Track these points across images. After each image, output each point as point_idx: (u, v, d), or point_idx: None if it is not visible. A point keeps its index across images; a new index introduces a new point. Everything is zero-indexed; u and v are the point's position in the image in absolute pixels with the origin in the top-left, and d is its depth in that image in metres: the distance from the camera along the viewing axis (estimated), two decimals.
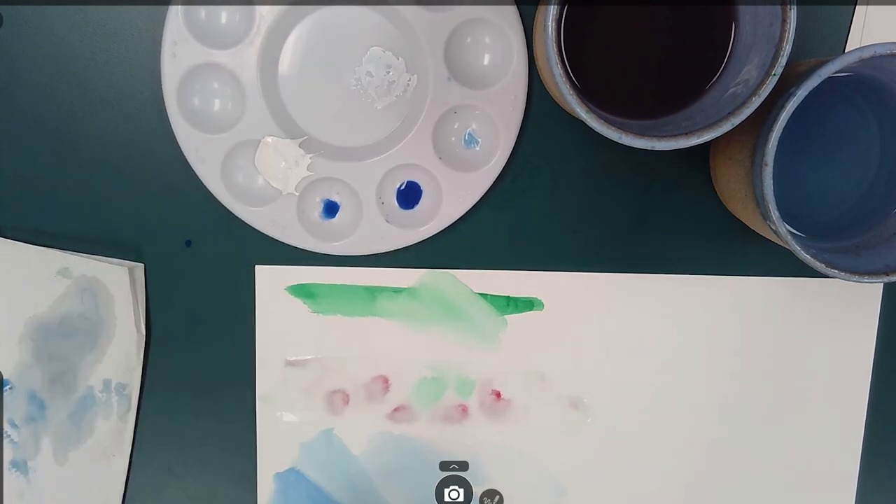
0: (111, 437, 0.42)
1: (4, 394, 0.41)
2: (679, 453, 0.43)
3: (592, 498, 0.43)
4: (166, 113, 0.39)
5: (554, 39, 0.30)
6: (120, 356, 0.41)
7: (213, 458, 0.43)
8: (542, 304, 0.42)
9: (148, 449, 0.42)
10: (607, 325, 0.42)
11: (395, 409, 0.42)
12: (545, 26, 0.30)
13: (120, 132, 0.40)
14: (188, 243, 0.41)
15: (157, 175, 0.40)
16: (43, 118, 0.40)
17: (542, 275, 0.41)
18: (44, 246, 0.40)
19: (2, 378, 0.41)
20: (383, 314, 0.42)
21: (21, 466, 0.42)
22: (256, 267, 0.41)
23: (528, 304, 0.42)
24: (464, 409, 0.42)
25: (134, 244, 0.41)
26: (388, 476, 0.43)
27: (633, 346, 0.42)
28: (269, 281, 0.41)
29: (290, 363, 0.42)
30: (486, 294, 0.42)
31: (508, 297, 0.42)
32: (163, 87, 0.38)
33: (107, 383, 0.41)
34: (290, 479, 0.43)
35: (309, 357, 0.42)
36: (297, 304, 0.41)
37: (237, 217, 0.40)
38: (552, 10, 0.30)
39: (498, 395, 0.42)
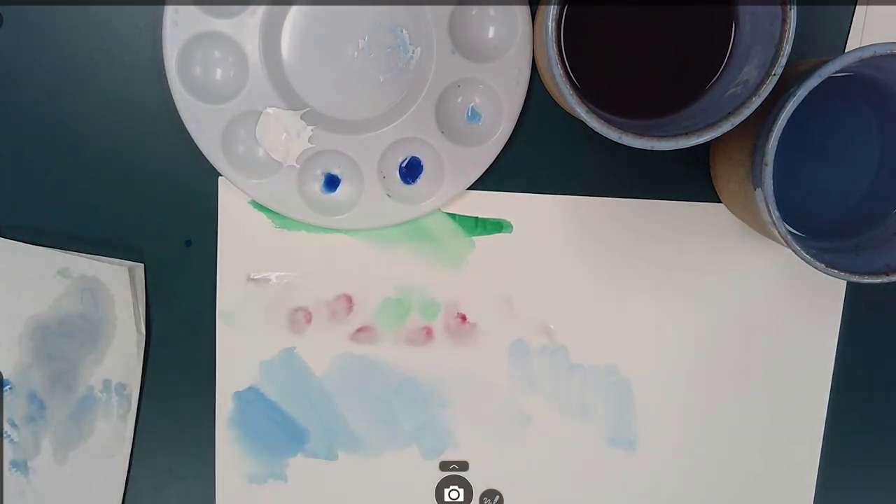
0: (111, 437, 0.42)
1: (4, 394, 0.41)
2: (647, 381, 0.42)
3: (557, 427, 0.42)
4: (168, 113, 0.39)
5: (554, 39, 0.30)
6: (120, 356, 0.41)
7: (212, 459, 0.43)
8: (511, 227, 0.41)
9: (148, 449, 0.42)
10: (577, 250, 0.41)
11: (358, 330, 0.41)
12: (545, 26, 0.30)
13: (120, 132, 0.40)
14: (188, 243, 0.41)
15: (158, 175, 0.40)
16: (43, 118, 0.40)
17: (512, 196, 0.41)
18: (44, 246, 0.40)
19: (2, 378, 0.41)
20: (348, 231, 0.41)
21: (21, 466, 0.42)
22: (220, 179, 0.40)
23: (497, 226, 0.41)
24: (428, 332, 0.42)
25: (134, 244, 0.41)
26: (349, 397, 0.42)
27: (602, 273, 0.41)
28: (233, 194, 0.40)
29: (252, 280, 0.41)
30: (455, 214, 0.41)
31: (477, 217, 0.41)
32: (164, 55, 0.38)
33: (107, 383, 0.41)
34: (250, 397, 0.42)
35: (271, 274, 0.41)
36: (261, 218, 0.40)
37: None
38: (552, 10, 0.30)
39: (463, 318, 0.42)
